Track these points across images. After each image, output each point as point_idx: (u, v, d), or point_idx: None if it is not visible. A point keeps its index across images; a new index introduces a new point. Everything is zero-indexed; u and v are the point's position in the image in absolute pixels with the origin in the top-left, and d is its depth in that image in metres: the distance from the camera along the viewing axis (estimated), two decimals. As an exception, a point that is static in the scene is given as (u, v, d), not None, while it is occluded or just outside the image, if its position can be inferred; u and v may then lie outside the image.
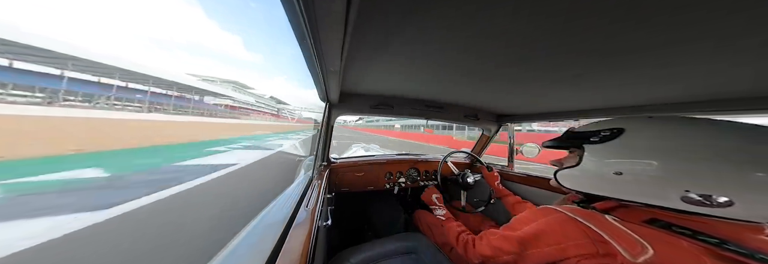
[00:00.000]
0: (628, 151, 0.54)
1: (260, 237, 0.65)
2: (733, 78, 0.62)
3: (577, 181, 0.64)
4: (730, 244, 0.41)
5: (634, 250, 0.45)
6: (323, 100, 1.24)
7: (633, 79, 0.71)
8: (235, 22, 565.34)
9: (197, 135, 13.75)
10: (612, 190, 0.57)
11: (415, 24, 0.47)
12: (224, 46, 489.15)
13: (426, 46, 0.59)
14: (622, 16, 0.39)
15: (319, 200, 0.85)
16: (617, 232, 0.49)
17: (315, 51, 0.52)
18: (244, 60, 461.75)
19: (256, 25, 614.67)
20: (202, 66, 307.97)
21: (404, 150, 3.75)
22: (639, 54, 0.54)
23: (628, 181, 0.53)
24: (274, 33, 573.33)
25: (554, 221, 0.59)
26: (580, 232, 0.53)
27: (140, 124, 15.44)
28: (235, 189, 4.52)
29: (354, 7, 0.35)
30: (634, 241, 0.46)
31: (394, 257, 1.00)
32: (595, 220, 0.53)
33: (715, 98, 0.80)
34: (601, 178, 0.58)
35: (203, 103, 41.16)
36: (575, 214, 0.57)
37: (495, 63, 0.68)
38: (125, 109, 25.65)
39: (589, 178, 0.62)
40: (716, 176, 0.44)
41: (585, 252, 0.51)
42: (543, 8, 0.39)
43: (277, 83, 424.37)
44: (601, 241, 0.49)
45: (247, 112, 63.79)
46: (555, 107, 1.28)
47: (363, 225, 1.71)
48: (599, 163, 0.59)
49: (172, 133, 13.77)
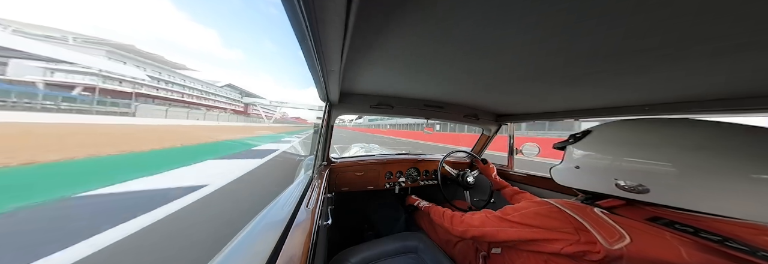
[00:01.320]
0: (584, 149, 0.70)
1: (260, 236, 0.65)
2: (732, 78, 0.62)
3: (559, 176, 0.77)
4: (732, 242, 0.42)
5: (612, 238, 0.50)
6: (323, 99, 1.25)
7: (633, 79, 0.71)
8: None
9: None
10: (577, 182, 0.70)
11: (415, 24, 0.47)
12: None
13: (426, 45, 0.59)
14: (622, 16, 0.39)
15: (320, 200, 0.85)
16: (599, 223, 0.54)
17: (315, 51, 0.52)
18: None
19: (235, 14, 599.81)
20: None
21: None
22: (639, 54, 0.54)
23: (584, 173, 0.68)
24: (251, 26, 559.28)
25: (543, 211, 0.65)
26: (565, 221, 0.59)
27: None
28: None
29: (354, 7, 0.35)
30: (613, 231, 0.51)
31: (395, 257, 1.00)
32: (581, 212, 0.58)
33: (716, 98, 0.80)
34: (569, 172, 0.72)
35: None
36: (564, 207, 0.62)
37: (495, 63, 0.68)
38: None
39: (562, 172, 0.76)
40: (634, 168, 0.56)
41: (566, 238, 0.57)
42: (542, 9, 0.39)
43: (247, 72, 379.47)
44: (584, 229, 0.55)
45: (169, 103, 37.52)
46: (554, 107, 1.28)
47: (363, 224, 1.71)
48: (568, 159, 0.74)
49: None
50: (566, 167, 0.74)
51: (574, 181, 0.71)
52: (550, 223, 0.61)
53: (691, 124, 0.56)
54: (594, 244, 0.51)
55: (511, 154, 1.82)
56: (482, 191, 1.69)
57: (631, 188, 0.55)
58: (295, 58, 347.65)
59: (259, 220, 0.77)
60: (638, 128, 0.62)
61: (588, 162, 0.67)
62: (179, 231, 2.27)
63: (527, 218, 0.66)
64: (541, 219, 0.63)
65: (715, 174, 0.46)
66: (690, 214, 0.49)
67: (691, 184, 0.49)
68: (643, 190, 0.53)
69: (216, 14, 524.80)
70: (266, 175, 4.92)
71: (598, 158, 0.64)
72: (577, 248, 0.54)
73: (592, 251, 0.52)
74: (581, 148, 0.70)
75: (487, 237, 0.74)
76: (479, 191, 1.74)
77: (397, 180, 1.75)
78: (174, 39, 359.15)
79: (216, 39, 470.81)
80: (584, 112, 1.23)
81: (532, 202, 0.71)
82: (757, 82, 0.63)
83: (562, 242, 0.57)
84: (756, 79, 0.61)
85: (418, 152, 2.15)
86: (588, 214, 0.57)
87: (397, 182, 1.74)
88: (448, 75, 0.86)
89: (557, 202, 0.65)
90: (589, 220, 0.55)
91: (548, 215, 0.62)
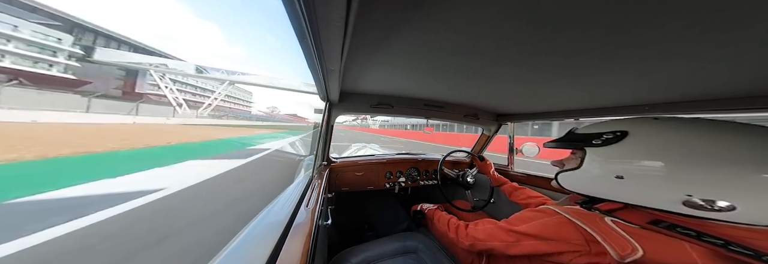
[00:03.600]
0: (631, 155, 0.54)
1: (260, 237, 0.65)
2: (734, 77, 0.62)
3: (579, 184, 0.65)
4: (735, 246, 0.42)
5: (624, 251, 0.47)
6: (323, 99, 1.24)
7: (633, 79, 0.71)
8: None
9: None
10: (613, 194, 0.57)
11: (415, 23, 0.47)
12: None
13: (426, 45, 0.58)
14: (622, 16, 0.39)
15: (320, 200, 0.85)
16: (610, 234, 0.51)
17: (315, 50, 0.51)
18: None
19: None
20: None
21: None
22: (639, 54, 0.54)
23: (629, 184, 0.54)
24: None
25: (552, 222, 0.60)
26: (575, 233, 0.55)
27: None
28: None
29: (354, 7, 0.34)
30: (625, 243, 0.48)
31: (395, 257, 1.00)
32: (591, 222, 0.55)
33: (716, 98, 0.80)
34: (603, 181, 0.59)
35: None
36: (573, 216, 0.58)
37: (495, 62, 0.68)
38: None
39: (590, 181, 0.62)
40: (718, 181, 0.44)
41: (577, 250, 0.53)
42: (542, 8, 0.39)
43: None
44: (594, 241, 0.51)
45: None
46: (555, 107, 1.28)
47: (363, 224, 1.71)
48: (601, 166, 0.59)
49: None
50: (597, 176, 0.60)
51: (610, 192, 0.58)
52: (559, 235, 0.57)
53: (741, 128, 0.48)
54: (604, 256, 0.49)
55: (511, 154, 1.82)
56: (483, 191, 1.68)
57: (712, 207, 0.44)
58: (296, 55, 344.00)
59: (259, 220, 0.76)
60: (716, 132, 0.49)
61: (642, 173, 0.52)
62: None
63: (536, 230, 0.62)
64: (550, 231, 0.59)
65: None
66: (689, 218, 0.48)
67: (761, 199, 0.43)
68: (726, 209, 0.43)
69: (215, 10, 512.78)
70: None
71: (664, 169, 0.49)
72: (587, 260, 0.52)
73: (602, 263, 0.50)
74: (624, 153, 0.55)
75: (496, 251, 0.70)
76: (480, 191, 1.74)
77: (397, 180, 1.75)
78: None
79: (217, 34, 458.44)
80: (584, 111, 1.23)
81: (538, 212, 0.67)
82: (759, 81, 0.63)
83: (571, 254, 0.54)
84: (758, 78, 0.61)
85: (417, 152, 2.15)
86: (597, 224, 0.54)
87: (397, 182, 1.74)
88: (448, 74, 0.85)
89: (564, 211, 0.60)
90: (599, 231, 0.52)
91: (557, 226, 0.59)
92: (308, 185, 1.08)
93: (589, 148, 0.62)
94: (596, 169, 0.60)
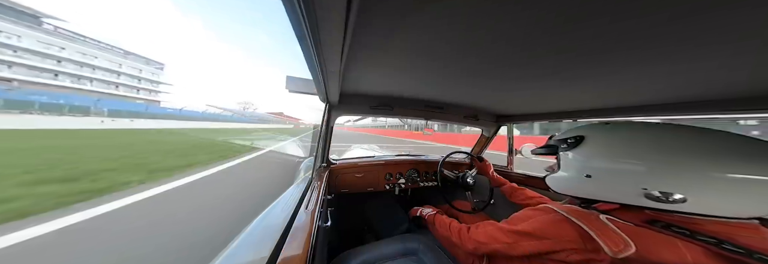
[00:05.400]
0: (590, 156, 0.61)
1: (260, 239, 0.64)
2: (731, 78, 0.62)
3: (560, 185, 0.71)
4: (728, 244, 0.43)
5: (617, 247, 0.48)
6: (323, 100, 1.24)
7: (632, 80, 0.71)
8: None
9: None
10: (586, 192, 0.63)
11: (415, 25, 0.47)
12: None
13: (426, 46, 0.58)
14: (621, 16, 0.39)
15: (319, 201, 0.85)
16: (604, 231, 0.52)
17: (315, 51, 0.51)
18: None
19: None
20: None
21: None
22: (638, 55, 0.54)
23: (597, 182, 0.60)
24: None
25: (549, 220, 0.62)
26: (571, 230, 0.57)
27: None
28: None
29: (354, 8, 0.34)
30: (618, 239, 0.49)
31: (395, 259, 0.99)
32: (587, 219, 0.57)
33: (717, 98, 0.80)
34: (577, 181, 0.64)
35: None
36: (569, 214, 0.60)
37: (495, 63, 0.68)
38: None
39: (566, 181, 0.68)
40: (663, 174, 0.50)
41: (573, 247, 0.55)
42: (542, 8, 0.39)
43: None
44: (589, 237, 0.53)
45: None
46: (554, 108, 1.28)
47: (363, 226, 1.70)
48: (571, 167, 0.66)
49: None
50: (570, 176, 0.66)
51: (584, 190, 0.63)
52: (556, 233, 0.59)
53: (700, 130, 0.52)
54: (598, 253, 0.51)
55: (510, 154, 1.82)
56: (483, 192, 1.68)
57: (667, 198, 0.48)
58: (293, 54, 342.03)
59: (259, 221, 0.76)
60: (659, 131, 0.55)
61: (603, 171, 0.58)
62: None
63: (534, 227, 0.63)
64: (547, 228, 0.61)
65: (742, 181, 0.44)
66: (685, 216, 0.49)
67: (716, 190, 0.46)
68: (679, 200, 0.47)
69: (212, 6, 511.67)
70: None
71: (619, 166, 0.56)
72: (582, 256, 0.54)
73: (597, 259, 0.51)
74: (585, 155, 0.62)
75: (500, 253, 0.71)
76: (480, 192, 1.74)
77: (396, 181, 1.75)
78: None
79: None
80: (584, 112, 1.23)
81: (536, 210, 0.69)
82: (757, 82, 0.63)
83: (568, 251, 0.56)
84: (755, 79, 0.61)
85: (418, 153, 2.15)
86: (592, 221, 0.56)
87: (397, 184, 1.73)
88: (448, 75, 0.85)
89: (561, 210, 0.63)
90: (593, 228, 0.54)
91: (554, 224, 0.61)
92: (308, 187, 1.07)
93: (560, 152, 0.69)
94: (570, 171, 0.66)
